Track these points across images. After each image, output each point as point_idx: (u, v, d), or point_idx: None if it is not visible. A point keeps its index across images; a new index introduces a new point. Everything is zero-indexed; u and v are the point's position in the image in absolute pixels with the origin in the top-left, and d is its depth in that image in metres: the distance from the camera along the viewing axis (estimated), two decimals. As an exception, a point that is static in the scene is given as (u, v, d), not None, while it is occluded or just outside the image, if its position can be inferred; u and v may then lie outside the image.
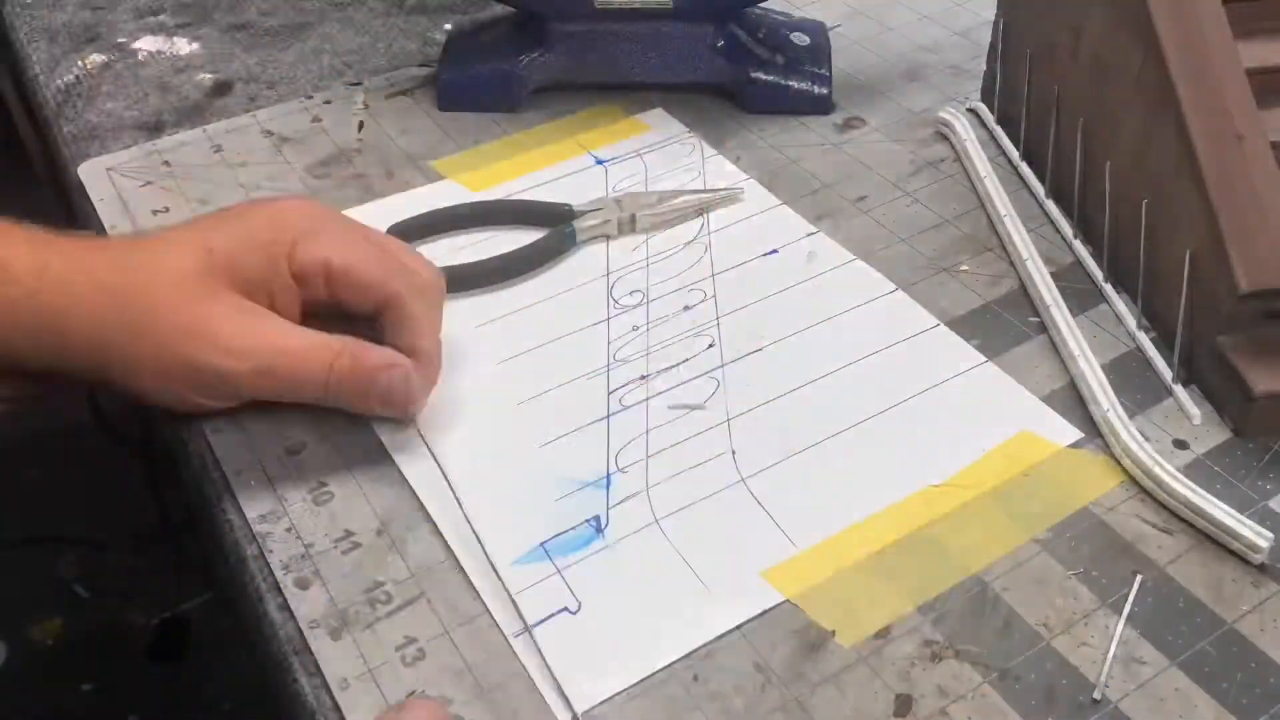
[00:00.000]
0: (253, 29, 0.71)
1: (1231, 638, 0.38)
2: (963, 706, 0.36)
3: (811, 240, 0.54)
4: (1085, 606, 0.39)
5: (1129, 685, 0.37)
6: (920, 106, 0.63)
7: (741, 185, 0.57)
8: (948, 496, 0.43)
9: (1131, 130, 0.49)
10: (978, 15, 0.70)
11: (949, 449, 0.44)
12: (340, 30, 0.71)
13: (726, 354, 0.49)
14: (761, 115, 0.62)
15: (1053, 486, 0.43)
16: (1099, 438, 0.45)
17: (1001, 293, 0.52)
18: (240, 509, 0.43)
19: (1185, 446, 0.44)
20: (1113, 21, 0.50)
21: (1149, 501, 0.42)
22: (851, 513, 0.42)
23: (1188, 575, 0.40)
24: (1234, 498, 0.42)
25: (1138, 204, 0.48)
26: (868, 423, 0.46)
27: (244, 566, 0.41)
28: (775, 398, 0.47)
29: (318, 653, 0.38)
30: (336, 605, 0.39)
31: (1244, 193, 0.44)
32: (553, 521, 0.42)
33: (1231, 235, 0.43)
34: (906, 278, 0.52)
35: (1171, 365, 0.47)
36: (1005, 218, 0.54)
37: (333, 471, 0.44)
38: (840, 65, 0.65)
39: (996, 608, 0.39)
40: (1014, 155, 0.59)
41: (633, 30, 0.61)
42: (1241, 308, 0.43)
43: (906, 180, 0.58)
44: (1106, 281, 0.51)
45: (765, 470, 0.44)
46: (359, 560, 0.41)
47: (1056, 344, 0.49)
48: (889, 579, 0.40)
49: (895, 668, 0.37)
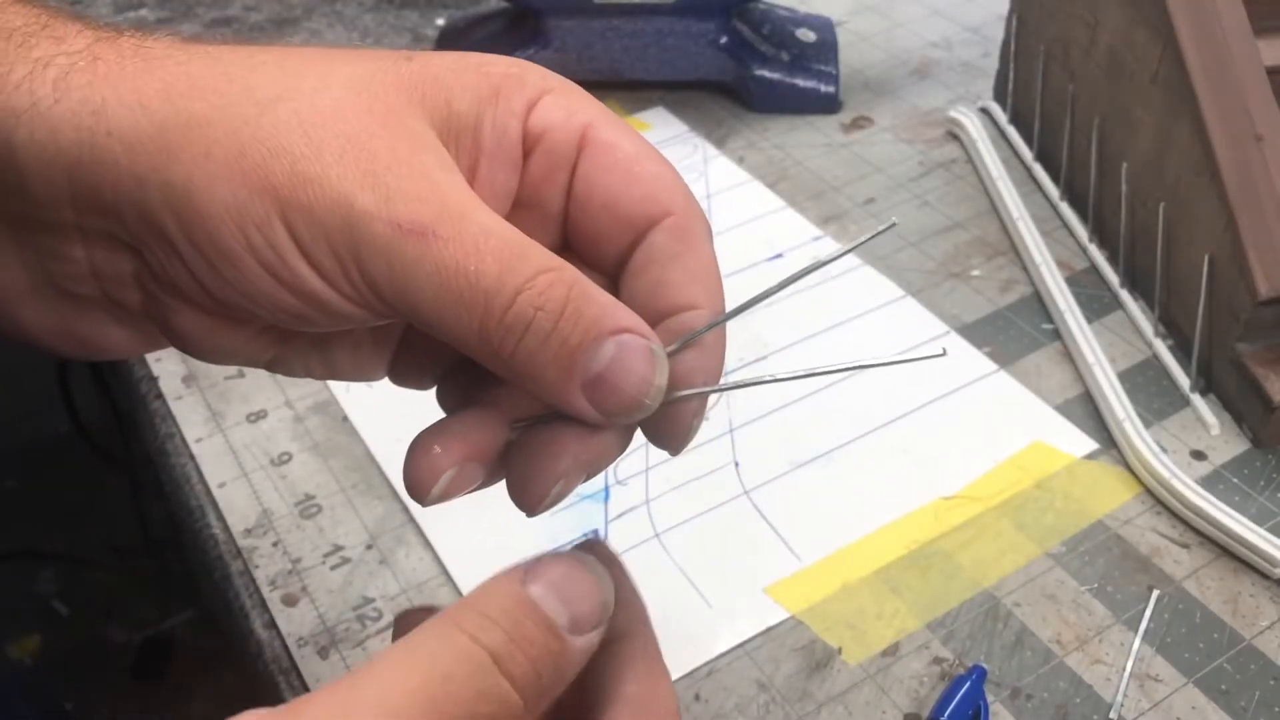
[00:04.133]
0: (237, 24, 0.70)
1: (1249, 654, 0.37)
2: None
3: (818, 244, 0.53)
4: (1100, 622, 0.38)
5: (1144, 704, 0.36)
6: (930, 105, 0.63)
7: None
8: (958, 509, 0.42)
9: (1149, 130, 0.48)
10: (990, 10, 0.70)
11: (959, 460, 0.43)
12: (328, 25, 0.70)
13: (729, 362, 0.47)
14: (766, 114, 0.62)
15: (1066, 499, 0.42)
16: (1114, 448, 0.44)
17: (1014, 298, 0.51)
18: (225, 522, 0.42)
19: (1203, 457, 0.44)
20: (1130, 18, 0.49)
21: (1165, 514, 0.42)
22: (858, 526, 0.41)
23: (1205, 590, 0.39)
24: (1252, 510, 0.41)
25: (1155, 207, 0.48)
26: (875, 433, 0.45)
27: (229, 582, 0.40)
28: (780, 408, 0.46)
29: (306, 672, 0.37)
30: (325, 623, 0.38)
31: (1264, 195, 0.43)
32: (549, 535, 0.41)
33: (1251, 239, 0.43)
34: (916, 283, 0.51)
35: (1189, 374, 0.46)
36: (1018, 221, 0.53)
37: (320, 483, 0.43)
38: (847, 62, 0.64)
39: (1008, 624, 0.38)
40: (1027, 156, 0.58)
41: (633, 26, 0.60)
42: (1261, 314, 0.43)
43: (916, 182, 0.57)
44: (1122, 287, 0.51)
45: (769, 482, 0.43)
46: (348, 576, 0.40)
47: (1071, 351, 0.48)
48: (897, 594, 0.39)
49: (903, 686, 0.37)
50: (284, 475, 0.43)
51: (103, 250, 0.25)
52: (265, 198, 0.23)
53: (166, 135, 0.23)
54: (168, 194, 0.23)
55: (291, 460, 0.44)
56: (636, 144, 0.27)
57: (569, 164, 0.27)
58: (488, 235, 0.23)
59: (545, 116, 0.26)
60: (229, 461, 0.43)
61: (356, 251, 0.23)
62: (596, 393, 0.24)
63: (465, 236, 0.23)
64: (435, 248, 0.23)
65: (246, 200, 0.23)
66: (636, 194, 0.26)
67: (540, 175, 0.27)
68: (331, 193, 0.23)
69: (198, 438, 0.44)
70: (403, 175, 0.23)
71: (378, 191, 0.23)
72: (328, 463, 0.43)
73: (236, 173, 0.23)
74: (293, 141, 0.23)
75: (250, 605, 0.39)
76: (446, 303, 0.23)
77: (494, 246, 0.23)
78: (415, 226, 0.23)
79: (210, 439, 0.44)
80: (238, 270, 0.23)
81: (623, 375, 0.24)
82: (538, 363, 0.24)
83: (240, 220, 0.23)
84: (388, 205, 0.23)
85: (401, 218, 0.23)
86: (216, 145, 0.23)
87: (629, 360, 0.24)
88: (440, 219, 0.23)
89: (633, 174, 0.27)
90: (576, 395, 0.24)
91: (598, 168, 0.27)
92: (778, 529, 0.41)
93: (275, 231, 0.23)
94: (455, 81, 0.25)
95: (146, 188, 0.23)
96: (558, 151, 0.27)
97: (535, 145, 0.27)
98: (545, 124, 0.26)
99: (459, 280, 0.23)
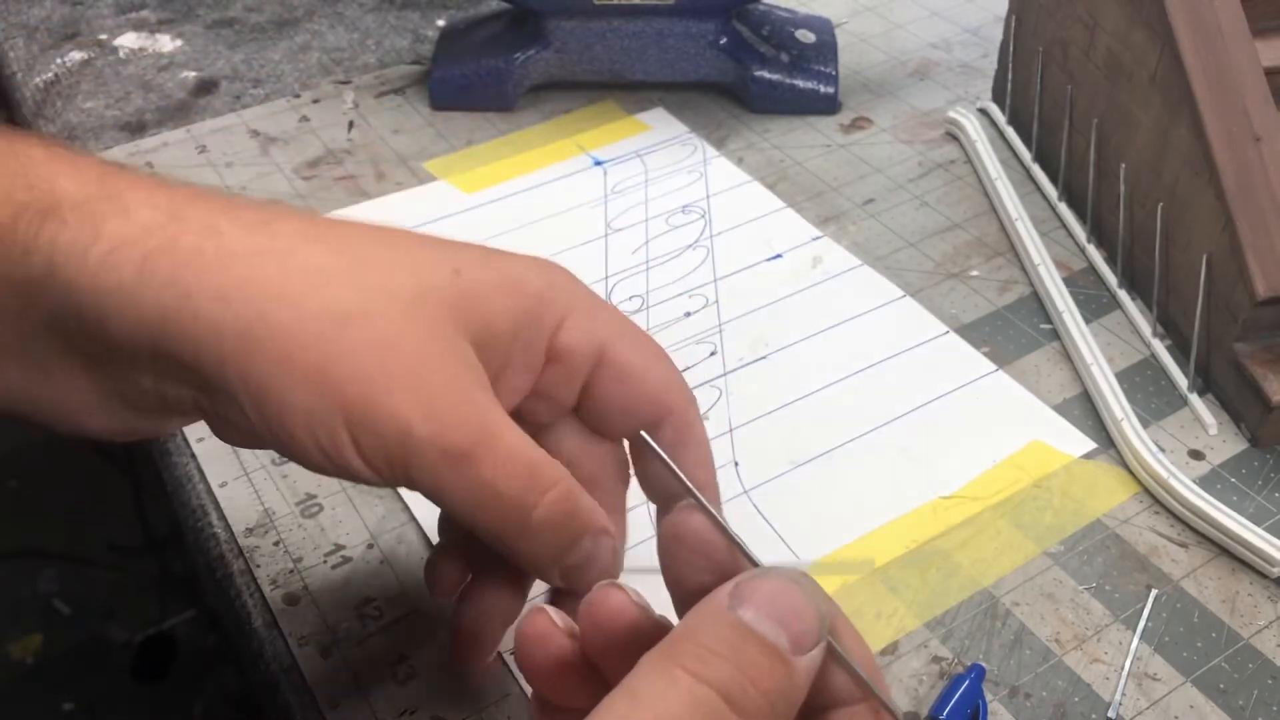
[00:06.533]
0: (238, 25, 0.70)
1: (1247, 653, 0.37)
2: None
3: (817, 244, 0.53)
4: (1098, 621, 0.38)
5: (1142, 702, 0.36)
6: (929, 106, 0.63)
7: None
8: (957, 508, 0.42)
9: (1147, 131, 0.48)
10: (988, 12, 0.70)
11: (958, 460, 0.43)
12: (329, 26, 0.70)
13: (729, 362, 0.48)
14: (765, 115, 0.62)
15: (1065, 498, 0.42)
16: (1112, 448, 0.44)
17: (1012, 299, 0.51)
18: (226, 522, 0.42)
19: (1201, 457, 0.44)
20: (1128, 18, 0.49)
21: (1163, 514, 0.42)
22: (857, 526, 0.41)
23: (1203, 589, 0.39)
24: (1250, 510, 0.41)
25: (1153, 207, 0.48)
26: (874, 433, 0.45)
27: (230, 582, 0.40)
28: (779, 407, 0.46)
29: (307, 671, 0.37)
30: (326, 622, 0.38)
31: (1262, 195, 0.43)
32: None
33: (1249, 239, 0.43)
34: (914, 283, 0.51)
35: (1187, 373, 0.46)
36: (1016, 221, 0.53)
37: (321, 483, 0.43)
38: (847, 63, 0.64)
39: (1007, 623, 0.38)
40: (1026, 156, 0.58)
41: (632, 26, 0.60)
42: (1259, 314, 0.43)
43: (915, 182, 0.57)
44: (1121, 287, 0.51)
45: (769, 482, 0.43)
46: (349, 575, 0.40)
47: (1069, 351, 0.48)
48: (896, 594, 0.39)
49: (902, 685, 0.37)
50: (285, 475, 0.43)
51: (173, 386, 0.27)
52: (336, 409, 0.27)
53: (252, 332, 0.26)
54: (247, 383, 0.26)
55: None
56: (645, 354, 0.32)
57: (584, 375, 0.32)
58: (514, 460, 0.28)
59: (568, 338, 0.31)
60: (230, 461, 0.43)
61: (406, 463, 0.27)
62: (570, 575, 0.30)
63: (497, 459, 0.28)
64: (472, 469, 0.27)
65: (319, 408, 0.26)
66: (645, 399, 0.32)
67: (557, 380, 0.31)
68: (395, 418, 0.27)
69: (199, 437, 0.44)
70: (451, 402, 0.28)
71: (430, 422, 0.27)
72: (328, 462, 0.43)
73: (314, 385, 0.26)
74: (369, 370, 0.27)
75: (251, 604, 0.39)
76: (473, 506, 0.28)
77: (518, 471, 0.28)
78: (459, 453, 0.27)
79: (211, 438, 0.43)
80: (296, 447, 0.27)
81: (592, 567, 0.30)
82: (535, 554, 0.30)
83: (310, 421, 0.27)
84: (440, 434, 0.27)
85: (448, 445, 0.27)
86: (298, 355, 0.26)
87: (601, 555, 0.30)
88: (478, 443, 0.28)
89: (642, 383, 0.32)
90: (555, 577, 0.31)
91: (611, 379, 0.32)
92: (777, 528, 0.41)
93: (339, 436, 0.27)
94: (496, 305, 0.30)
95: (227, 372, 0.26)
96: (576, 365, 0.31)
97: (555, 360, 0.31)
98: (568, 345, 0.31)
99: (486, 494, 0.28)
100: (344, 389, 0.26)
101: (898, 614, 0.39)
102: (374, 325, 0.27)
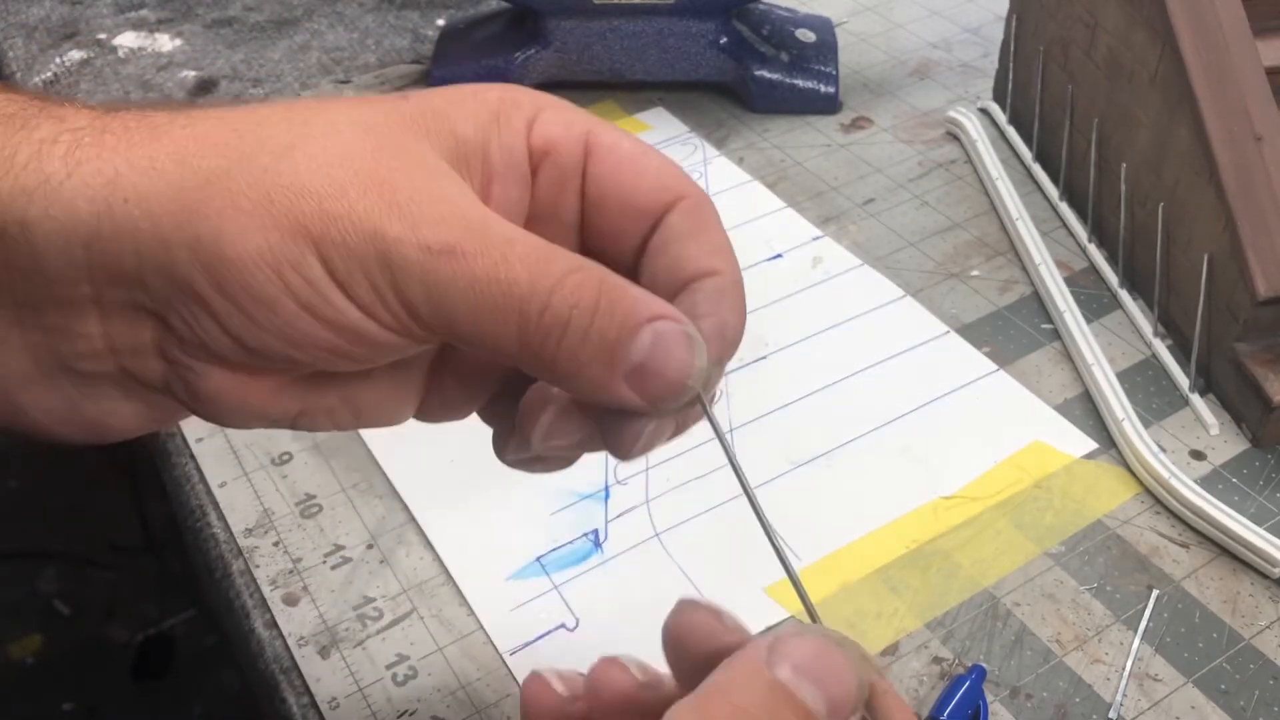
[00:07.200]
0: (237, 25, 0.70)
1: (1249, 654, 0.37)
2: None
3: (817, 244, 0.53)
4: (1099, 622, 0.38)
5: (1144, 703, 0.36)
6: (929, 106, 0.62)
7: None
8: (957, 509, 0.42)
9: (1148, 131, 0.48)
10: (989, 11, 0.69)
11: (959, 460, 0.43)
12: (329, 26, 0.70)
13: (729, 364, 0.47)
14: (766, 114, 0.62)
15: (1066, 498, 0.42)
16: (1113, 448, 0.44)
17: (1013, 298, 0.51)
18: (226, 522, 0.42)
19: (1202, 457, 0.44)
20: (1129, 18, 0.49)
21: (1165, 514, 0.41)
22: (858, 526, 0.41)
23: (1204, 590, 0.39)
24: (1251, 510, 0.41)
25: (1154, 207, 0.48)
26: (875, 433, 0.45)
27: (230, 582, 0.40)
28: (779, 407, 0.46)
29: (306, 671, 0.37)
30: (326, 622, 0.38)
31: (1263, 195, 0.43)
32: (549, 535, 0.41)
33: (1250, 239, 0.42)
34: (915, 283, 0.51)
35: (1188, 373, 0.46)
36: (1017, 221, 0.53)
37: (321, 483, 0.43)
38: (847, 63, 0.64)
39: (1008, 623, 0.38)
40: (1026, 156, 0.58)
41: (632, 26, 0.60)
42: (1260, 314, 0.43)
43: (915, 182, 0.57)
44: (1122, 287, 0.50)
45: (769, 482, 0.43)
46: (349, 575, 0.40)
47: (1070, 351, 0.48)
48: (896, 594, 0.39)
49: (903, 686, 0.37)
50: (284, 475, 0.43)
51: (121, 322, 0.24)
52: (298, 239, 0.23)
53: (186, 194, 0.23)
54: (196, 250, 0.23)
55: (292, 460, 0.43)
56: (636, 143, 0.29)
57: (578, 171, 0.28)
58: (512, 244, 0.24)
59: (546, 131, 0.28)
60: (230, 461, 0.43)
61: (392, 278, 0.23)
62: (640, 382, 0.24)
63: (492, 249, 0.24)
64: (466, 264, 0.23)
65: (280, 243, 0.23)
66: (648, 185, 0.28)
67: (551, 186, 0.28)
68: (362, 226, 0.23)
69: (198, 437, 0.44)
70: (424, 202, 0.24)
71: (404, 220, 0.23)
72: (328, 462, 0.43)
73: (266, 218, 0.23)
74: (316, 183, 0.23)
75: (251, 605, 0.39)
76: (483, 314, 0.24)
77: (520, 254, 0.24)
78: (444, 246, 0.23)
79: (211, 439, 0.44)
80: (276, 314, 0.24)
81: (663, 361, 0.24)
82: (580, 360, 0.24)
83: (276, 264, 0.23)
84: (415, 231, 0.23)
85: (430, 240, 0.23)
86: (241, 196, 0.23)
87: (668, 346, 0.24)
88: (465, 236, 0.24)
89: (641, 168, 0.28)
90: (621, 387, 0.25)
91: (607, 169, 0.28)
92: (778, 529, 0.41)
93: (312, 269, 0.23)
94: (455, 111, 0.27)
95: (172, 248, 0.23)
96: (565, 162, 0.28)
97: (542, 160, 0.28)
98: (548, 138, 0.28)
99: (492, 290, 0.23)
100: (298, 207, 0.23)
101: (898, 614, 0.39)
102: (321, 145, 0.24)
